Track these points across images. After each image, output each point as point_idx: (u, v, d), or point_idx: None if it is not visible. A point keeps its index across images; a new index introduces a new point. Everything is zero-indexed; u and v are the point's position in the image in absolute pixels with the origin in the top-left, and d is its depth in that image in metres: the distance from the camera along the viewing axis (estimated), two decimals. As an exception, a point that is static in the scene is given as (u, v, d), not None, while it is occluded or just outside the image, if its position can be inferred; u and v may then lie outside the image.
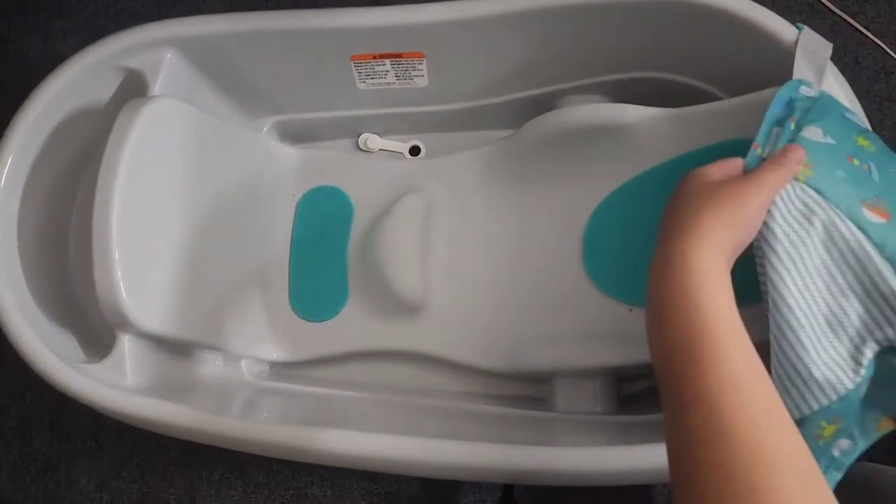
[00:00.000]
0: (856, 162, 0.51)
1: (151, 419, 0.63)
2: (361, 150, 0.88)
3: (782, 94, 0.56)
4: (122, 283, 0.61)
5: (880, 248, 0.48)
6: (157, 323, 0.64)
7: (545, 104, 0.79)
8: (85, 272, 0.72)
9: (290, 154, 0.85)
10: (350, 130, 0.87)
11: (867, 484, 0.61)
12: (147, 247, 0.65)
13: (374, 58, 0.74)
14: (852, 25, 1.04)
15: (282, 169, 0.84)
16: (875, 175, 0.51)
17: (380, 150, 0.88)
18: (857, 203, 0.49)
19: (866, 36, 1.03)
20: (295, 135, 0.87)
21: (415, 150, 0.88)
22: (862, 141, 0.53)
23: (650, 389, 0.74)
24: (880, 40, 1.03)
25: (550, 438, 0.65)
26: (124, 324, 0.63)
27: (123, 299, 0.61)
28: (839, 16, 1.04)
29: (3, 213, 0.68)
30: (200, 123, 0.72)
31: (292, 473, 0.91)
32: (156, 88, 0.70)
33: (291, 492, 0.91)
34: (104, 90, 0.73)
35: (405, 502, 0.90)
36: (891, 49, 1.03)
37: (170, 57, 0.71)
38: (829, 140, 0.52)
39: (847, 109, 0.56)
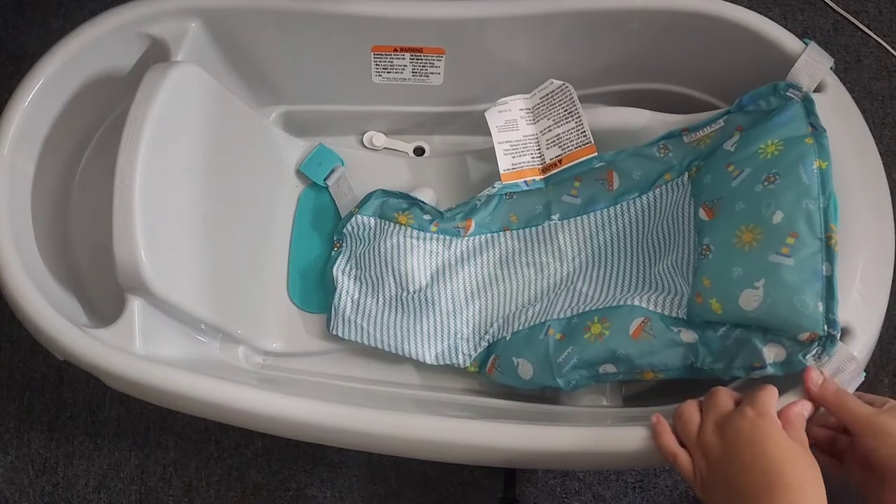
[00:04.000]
0: (731, 168, 0.62)
1: (164, 388, 0.60)
2: (366, 147, 0.87)
3: (759, 91, 0.64)
4: (142, 244, 0.59)
5: (699, 234, 0.64)
6: (171, 290, 0.63)
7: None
8: (87, 239, 0.72)
9: (296, 145, 0.84)
10: (355, 127, 0.87)
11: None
12: (167, 211, 0.63)
13: (395, 50, 0.74)
14: (854, 24, 1.04)
15: (287, 159, 0.83)
16: (738, 180, 0.61)
17: (384, 148, 0.87)
18: (699, 202, 0.65)
19: (868, 35, 1.03)
20: (299, 127, 0.86)
21: (419, 151, 0.88)
22: (771, 147, 0.60)
23: (651, 389, 0.74)
24: (882, 39, 1.03)
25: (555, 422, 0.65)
26: (139, 288, 0.61)
27: (142, 260, 0.59)
28: (841, 14, 1.04)
29: (17, 176, 0.66)
30: (221, 96, 0.72)
31: (292, 474, 0.90)
32: (178, 58, 0.69)
33: (291, 493, 0.90)
34: (123, 56, 0.72)
35: (405, 503, 0.89)
36: (892, 48, 1.02)
37: (193, 27, 0.70)
38: (731, 149, 0.64)
39: (811, 115, 0.61)
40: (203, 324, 0.69)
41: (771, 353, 0.55)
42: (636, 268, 0.70)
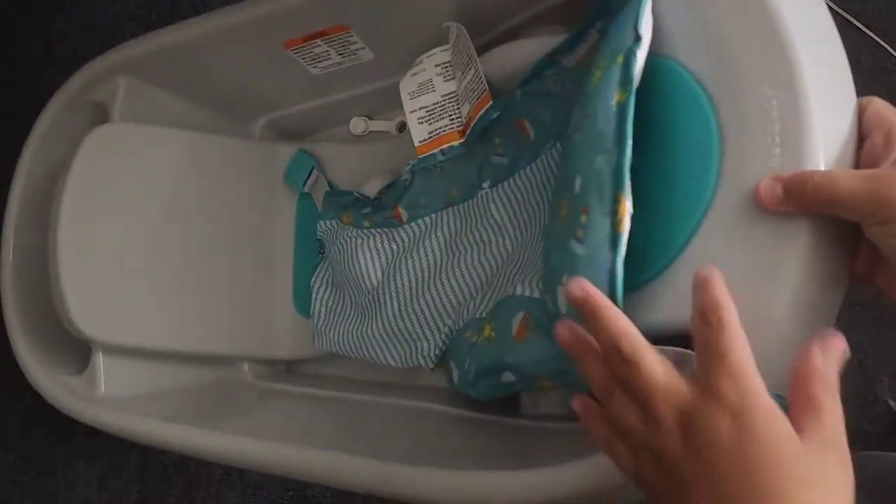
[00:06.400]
0: (575, 108, 0.47)
1: (120, 428, 0.66)
2: (354, 135, 0.85)
3: None
4: (71, 305, 0.65)
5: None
6: (118, 336, 0.67)
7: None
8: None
9: (282, 153, 0.84)
10: (341, 116, 0.84)
11: (881, 475, 0.59)
12: (103, 267, 0.68)
13: (304, 40, 0.70)
14: (853, 24, 1.04)
15: (275, 169, 0.83)
16: (571, 125, 0.47)
17: (369, 132, 0.85)
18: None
19: (867, 35, 1.03)
20: (291, 131, 0.86)
21: (402, 126, 0.84)
22: (598, 73, 0.43)
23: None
24: (882, 39, 1.03)
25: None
26: (87, 340, 0.66)
27: (74, 318, 0.65)
28: (841, 14, 1.04)
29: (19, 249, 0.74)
30: (164, 139, 0.74)
31: (292, 474, 0.91)
32: (115, 116, 0.71)
33: (291, 493, 0.90)
34: (77, 128, 0.74)
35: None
36: (892, 48, 1.02)
37: (125, 83, 0.72)
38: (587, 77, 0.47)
39: (640, 12, 0.40)
40: (192, 355, 0.72)
41: None
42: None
